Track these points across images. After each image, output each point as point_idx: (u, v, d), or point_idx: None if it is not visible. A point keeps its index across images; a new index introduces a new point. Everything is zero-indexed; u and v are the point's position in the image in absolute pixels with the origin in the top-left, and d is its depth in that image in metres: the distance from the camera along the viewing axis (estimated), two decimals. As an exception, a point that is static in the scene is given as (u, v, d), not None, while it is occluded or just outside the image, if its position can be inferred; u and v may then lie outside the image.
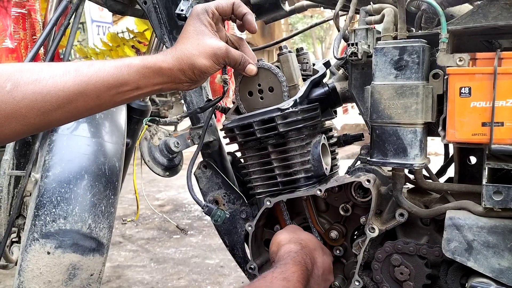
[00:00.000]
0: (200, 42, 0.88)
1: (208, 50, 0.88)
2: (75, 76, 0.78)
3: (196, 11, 0.90)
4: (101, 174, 1.23)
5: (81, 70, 0.79)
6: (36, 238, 1.15)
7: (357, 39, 0.90)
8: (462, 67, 0.79)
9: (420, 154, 0.85)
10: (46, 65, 0.79)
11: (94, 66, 0.80)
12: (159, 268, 2.92)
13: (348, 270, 1.07)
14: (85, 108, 0.81)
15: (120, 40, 1.45)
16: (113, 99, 0.84)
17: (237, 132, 1.03)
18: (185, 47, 0.88)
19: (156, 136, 1.09)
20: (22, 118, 0.74)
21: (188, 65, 0.87)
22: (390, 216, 0.96)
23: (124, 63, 0.83)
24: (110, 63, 0.83)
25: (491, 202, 0.79)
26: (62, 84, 0.77)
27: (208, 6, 0.90)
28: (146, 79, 0.85)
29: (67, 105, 0.78)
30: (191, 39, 0.88)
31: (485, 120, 0.77)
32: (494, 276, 0.81)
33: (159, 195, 4.67)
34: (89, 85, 0.79)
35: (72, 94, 0.78)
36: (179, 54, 0.87)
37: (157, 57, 0.86)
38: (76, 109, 0.80)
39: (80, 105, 0.80)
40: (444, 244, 0.84)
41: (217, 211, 1.03)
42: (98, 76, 0.80)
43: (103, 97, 0.82)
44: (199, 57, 0.87)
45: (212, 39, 0.89)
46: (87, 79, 0.79)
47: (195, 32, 0.88)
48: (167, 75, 0.86)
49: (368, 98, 0.88)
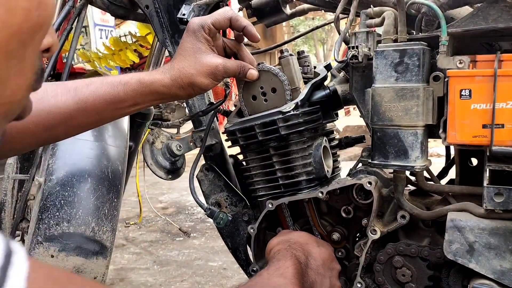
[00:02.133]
0: (197, 61, 0.88)
1: (206, 69, 0.88)
2: (74, 94, 0.84)
3: (193, 28, 0.89)
4: (104, 178, 1.24)
5: (80, 89, 0.85)
6: (40, 241, 1.16)
7: (357, 42, 0.91)
8: (462, 69, 0.80)
9: (421, 156, 0.86)
10: (50, 85, 0.85)
11: (92, 85, 0.85)
12: (162, 270, 2.92)
13: (350, 272, 1.07)
14: (86, 123, 0.87)
15: (123, 44, 1.45)
16: (113, 114, 0.89)
17: (239, 135, 1.03)
18: (182, 65, 0.88)
19: (158, 140, 1.10)
20: (31, 133, 0.80)
21: (187, 83, 0.88)
22: (392, 218, 0.96)
23: (121, 81, 0.86)
24: (108, 81, 0.86)
25: (492, 203, 0.79)
26: (63, 102, 0.83)
27: (204, 21, 0.89)
28: (143, 96, 0.88)
29: (69, 121, 0.84)
30: (189, 57, 0.88)
31: (486, 122, 0.78)
32: (496, 277, 0.81)
33: (162, 198, 4.68)
34: (88, 103, 0.84)
35: (73, 111, 0.83)
36: (177, 73, 0.88)
37: (155, 77, 0.88)
38: (78, 125, 0.86)
39: (81, 120, 0.86)
40: (446, 246, 0.85)
41: (220, 213, 1.04)
42: (96, 94, 0.84)
43: (103, 113, 0.87)
44: (197, 76, 0.88)
45: (209, 57, 0.89)
46: (86, 97, 0.84)
47: (192, 50, 0.88)
48: (164, 93, 0.89)
49: (369, 100, 0.88)
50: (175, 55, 0.91)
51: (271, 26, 1.25)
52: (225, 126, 1.06)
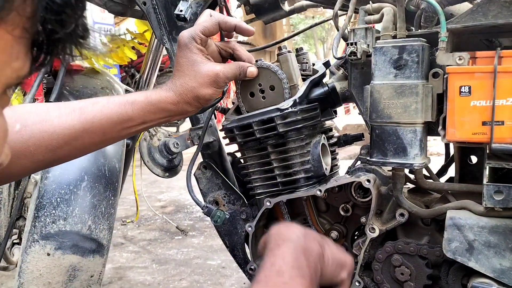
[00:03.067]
0: (196, 74, 0.87)
1: (207, 80, 0.87)
2: (79, 114, 0.81)
3: (184, 41, 0.88)
4: (101, 175, 1.23)
5: (86, 108, 0.82)
6: (36, 239, 1.15)
7: (356, 39, 0.90)
8: (462, 66, 0.79)
9: (420, 153, 0.85)
10: (52, 106, 0.83)
11: (98, 104, 0.83)
12: (160, 269, 2.91)
13: (349, 270, 1.06)
14: (91, 144, 0.85)
15: (120, 41, 1.45)
16: (120, 134, 0.87)
17: (237, 132, 1.02)
18: (184, 81, 0.87)
19: (155, 137, 1.09)
20: (31, 155, 0.78)
21: (192, 97, 0.87)
22: (391, 216, 0.95)
23: (128, 100, 0.85)
24: (115, 100, 0.85)
25: (492, 201, 0.79)
26: (68, 122, 0.80)
27: (194, 33, 0.87)
28: (152, 114, 0.86)
29: (73, 142, 0.81)
30: (187, 72, 0.87)
31: (486, 119, 0.77)
32: (496, 276, 0.80)
33: (161, 196, 4.67)
34: (94, 123, 0.82)
35: (78, 131, 0.81)
36: (180, 89, 0.87)
37: (161, 94, 0.87)
38: (82, 146, 0.84)
39: (86, 141, 0.83)
40: (445, 244, 0.84)
41: (217, 211, 1.03)
42: (102, 114, 0.82)
43: (109, 133, 0.85)
44: (200, 88, 0.87)
45: (207, 66, 0.88)
46: (92, 117, 0.82)
47: (189, 64, 0.87)
48: (173, 110, 0.88)
49: (367, 97, 0.87)
50: (173, 72, 0.90)
51: (269, 22, 1.24)
52: (223, 123, 1.05)
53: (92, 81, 1.40)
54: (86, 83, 1.38)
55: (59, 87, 1.27)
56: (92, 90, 1.37)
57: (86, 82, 1.39)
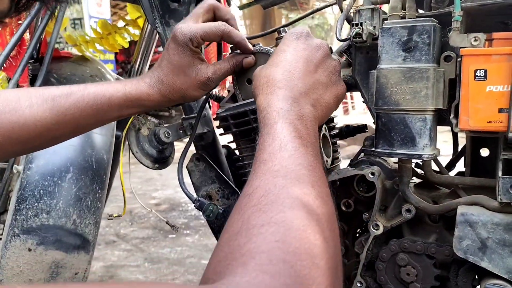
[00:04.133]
0: (187, 76, 0.82)
1: (197, 83, 0.83)
2: (52, 106, 0.77)
3: (181, 39, 0.80)
4: (88, 167, 1.16)
5: (59, 100, 0.77)
6: (17, 233, 1.09)
7: (361, 19, 0.84)
8: (477, 47, 0.72)
9: (430, 144, 0.78)
10: (23, 94, 0.77)
11: (72, 97, 0.78)
12: (153, 268, 2.84)
13: (350, 270, 0.99)
14: (63, 135, 0.81)
15: (112, 28, 1.37)
16: (94, 126, 0.84)
17: (231, 121, 0.96)
18: (172, 80, 0.82)
19: (145, 126, 1.02)
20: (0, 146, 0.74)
21: (177, 98, 0.83)
22: (396, 212, 0.89)
23: (104, 95, 0.79)
24: (90, 92, 0.79)
25: (508, 196, 0.72)
26: (39, 114, 0.76)
27: (194, 34, 0.80)
28: (129, 109, 0.82)
29: (45, 134, 0.77)
30: (177, 72, 0.82)
31: (502, 106, 0.70)
32: (510, 277, 0.74)
33: (156, 194, 4.60)
34: (67, 116, 0.77)
35: (50, 124, 0.76)
36: (167, 89, 0.82)
37: (142, 91, 0.81)
38: (54, 137, 0.80)
39: (59, 133, 0.79)
40: (456, 242, 0.77)
41: (210, 205, 0.97)
42: (76, 107, 0.77)
43: (83, 126, 0.81)
44: (188, 90, 0.83)
45: (199, 69, 0.82)
46: (65, 110, 0.77)
47: (181, 64, 0.81)
48: (152, 106, 0.84)
49: (373, 83, 0.81)
50: (161, 63, 0.83)
51: (268, 7, 1.17)
52: (217, 112, 0.99)
53: (80, 68, 1.33)
54: (74, 70, 1.31)
55: (44, 73, 1.20)
56: (80, 78, 1.30)
57: (74, 69, 1.32)
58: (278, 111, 0.65)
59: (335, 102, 0.77)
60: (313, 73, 0.74)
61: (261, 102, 0.69)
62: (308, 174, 0.57)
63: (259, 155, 0.61)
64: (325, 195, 0.57)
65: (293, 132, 0.62)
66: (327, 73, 0.76)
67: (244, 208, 0.53)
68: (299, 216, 0.49)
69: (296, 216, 0.49)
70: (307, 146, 0.62)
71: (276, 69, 0.72)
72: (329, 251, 0.48)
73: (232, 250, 0.46)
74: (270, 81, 0.71)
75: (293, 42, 0.76)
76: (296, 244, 0.46)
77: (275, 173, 0.56)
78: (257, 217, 0.50)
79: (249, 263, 0.43)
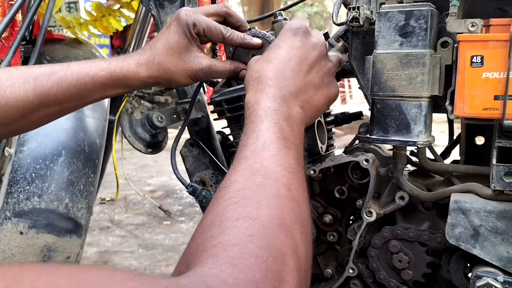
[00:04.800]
0: (181, 60, 0.79)
1: (188, 70, 0.80)
2: (34, 85, 0.74)
3: (184, 21, 0.78)
4: (80, 151, 1.15)
5: (41, 80, 0.74)
6: (8, 216, 1.08)
7: (359, 3, 0.82)
8: (475, 33, 0.71)
9: (425, 131, 0.78)
10: (4, 72, 0.74)
11: (54, 76, 0.75)
12: (147, 254, 2.85)
13: (342, 257, 1.00)
14: (46, 116, 0.79)
15: (106, 10, 1.35)
16: (77, 106, 0.81)
17: (225, 106, 0.95)
18: (164, 60, 0.79)
19: (138, 109, 1.01)
20: None
21: (164, 79, 0.81)
22: (389, 199, 0.88)
23: (88, 74, 0.76)
24: (73, 71, 0.76)
25: (501, 184, 0.72)
26: (21, 94, 0.73)
27: (199, 22, 0.79)
28: (113, 89, 0.79)
29: (28, 116, 0.75)
30: (172, 53, 0.79)
31: (498, 93, 0.70)
32: (502, 265, 0.74)
33: (151, 181, 4.60)
34: (50, 96, 0.75)
35: (33, 104, 0.74)
36: (156, 68, 0.79)
37: (129, 69, 0.78)
38: (39, 118, 0.78)
39: (42, 114, 0.77)
40: (448, 229, 0.77)
41: (203, 191, 0.96)
42: (59, 87, 0.75)
43: (66, 107, 0.79)
44: (177, 75, 0.80)
45: (195, 57, 0.80)
46: (47, 90, 0.74)
47: (178, 46, 0.79)
48: (136, 85, 0.81)
49: (369, 68, 0.80)
50: (156, 41, 0.81)
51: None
52: (211, 96, 0.98)
53: (74, 51, 1.32)
54: (67, 53, 1.29)
55: (37, 55, 1.18)
56: (73, 61, 1.28)
57: (67, 52, 1.30)
58: (266, 110, 0.65)
59: (326, 104, 0.77)
60: (305, 73, 0.73)
61: (250, 98, 0.69)
62: (287, 176, 0.57)
63: (241, 151, 0.61)
64: (301, 199, 0.57)
65: (278, 132, 0.62)
66: (321, 74, 0.76)
67: (219, 200, 0.52)
68: (273, 215, 0.50)
69: (271, 215, 0.49)
70: (290, 148, 0.62)
71: (268, 66, 0.72)
72: (298, 253, 0.49)
73: (204, 241, 0.45)
74: (261, 78, 0.71)
75: (289, 39, 0.75)
76: (268, 241, 0.45)
77: (255, 171, 0.56)
78: (232, 210, 0.49)
79: (220, 255, 0.42)
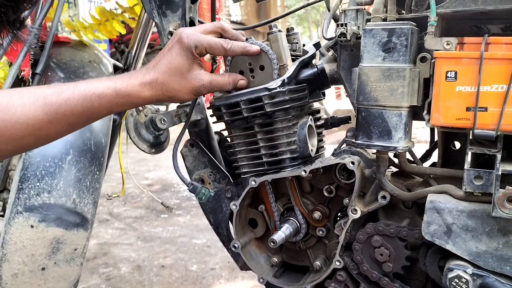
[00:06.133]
0: (183, 79, 0.86)
1: (191, 88, 0.87)
2: (43, 104, 0.79)
3: (187, 43, 0.85)
4: (87, 150, 1.22)
5: (50, 98, 0.80)
6: (20, 211, 1.15)
7: (346, 20, 0.90)
8: (450, 51, 0.79)
9: (404, 137, 0.86)
10: (15, 93, 0.80)
11: (63, 95, 0.81)
12: (145, 246, 2.93)
13: (330, 250, 1.08)
14: (56, 133, 0.83)
15: (109, 14, 1.42)
16: (85, 124, 0.86)
17: (224, 110, 1.02)
18: (167, 80, 0.85)
19: (142, 112, 1.08)
20: None
21: (167, 97, 0.87)
22: (373, 198, 0.96)
23: (94, 93, 0.82)
24: (81, 90, 0.82)
25: (471, 186, 0.80)
26: (31, 112, 0.78)
27: (200, 43, 0.86)
28: (118, 107, 0.85)
29: (37, 132, 0.79)
30: (175, 73, 0.86)
31: (470, 104, 0.78)
32: (471, 259, 0.82)
33: (148, 175, 4.67)
34: (58, 114, 0.79)
35: (42, 122, 0.79)
36: (160, 87, 0.85)
37: (134, 88, 0.84)
38: (47, 135, 0.82)
39: (51, 131, 0.81)
40: (424, 226, 0.86)
41: (202, 189, 1.03)
42: (67, 105, 0.80)
43: (74, 124, 0.83)
44: (180, 92, 0.87)
45: (196, 74, 0.87)
46: (56, 108, 0.79)
47: (180, 67, 0.86)
48: (141, 103, 0.88)
49: (355, 79, 0.88)
50: (159, 62, 0.87)
51: (261, 1, 1.22)
52: (211, 101, 1.05)
53: (79, 54, 1.38)
54: (73, 56, 1.36)
55: (45, 58, 1.25)
56: (79, 63, 1.35)
57: (73, 55, 1.36)
58: None
59: None
60: None
61: None
62: None
63: None
64: None
65: None
66: None
67: None
68: None
69: None
70: None
71: None
72: None
73: None
74: None
75: None
76: None
77: None
78: None
79: None
